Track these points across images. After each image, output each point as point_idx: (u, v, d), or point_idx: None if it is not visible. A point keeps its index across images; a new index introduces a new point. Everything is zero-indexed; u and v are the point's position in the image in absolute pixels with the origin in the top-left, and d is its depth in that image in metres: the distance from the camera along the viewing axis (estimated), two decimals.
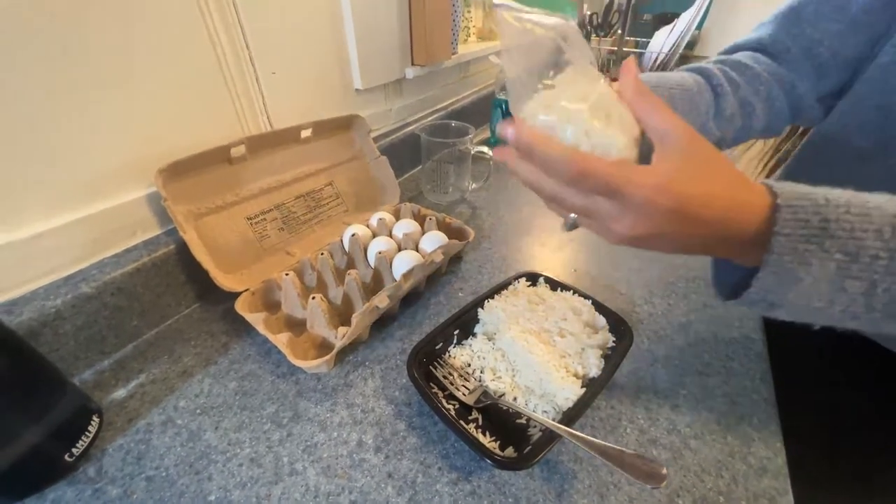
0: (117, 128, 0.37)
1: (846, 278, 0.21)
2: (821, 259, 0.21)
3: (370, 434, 0.33)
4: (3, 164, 0.31)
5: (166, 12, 0.37)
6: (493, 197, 0.69)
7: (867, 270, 0.20)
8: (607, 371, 0.34)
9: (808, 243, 0.21)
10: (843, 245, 0.20)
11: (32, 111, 0.31)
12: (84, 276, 0.36)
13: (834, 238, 0.20)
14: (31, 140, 0.32)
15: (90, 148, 0.35)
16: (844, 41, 0.38)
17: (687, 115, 0.34)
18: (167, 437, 0.32)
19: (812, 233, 0.21)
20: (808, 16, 0.40)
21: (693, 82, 0.38)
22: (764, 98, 0.40)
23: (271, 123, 0.50)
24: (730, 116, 0.39)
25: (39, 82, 0.31)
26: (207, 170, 0.43)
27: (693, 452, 0.32)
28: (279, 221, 0.50)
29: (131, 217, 0.40)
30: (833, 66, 0.39)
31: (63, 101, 0.33)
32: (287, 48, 0.49)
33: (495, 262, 0.53)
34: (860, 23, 0.37)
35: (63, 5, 0.31)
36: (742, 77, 0.40)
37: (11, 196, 0.32)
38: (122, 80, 0.36)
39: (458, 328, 0.40)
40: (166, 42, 0.37)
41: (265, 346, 0.40)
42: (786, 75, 0.41)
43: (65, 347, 0.35)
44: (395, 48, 0.64)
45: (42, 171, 0.33)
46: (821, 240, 0.20)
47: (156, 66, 0.37)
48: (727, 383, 0.37)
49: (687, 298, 0.47)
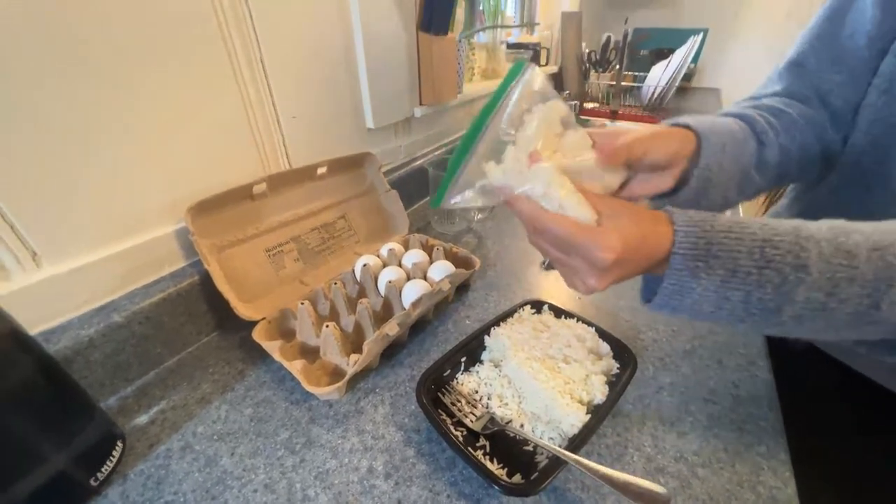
0: (154, 171, 0.40)
1: (728, 289, 0.25)
2: (707, 274, 0.25)
3: (380, 461, 0.34)
4: (53, 206, 0.34)
5: (202, 69, 0.41)
6: (499, 226, 0.71)
7: (742, 283, 0.25)
8: (612, 397, 0.35)
9: (698, 261, 0.25)
10: (724, 263, 0.25)
11: (80, 160, 0.35)
12: (115, 307, 0.39)
13: (716, 258, 0.25)
14: (79, 185, 0.36)
15: (130, 190, 0.39)
16: (851, 89, 0.39)
17: (732, 166, 0.35)
18: (185, 462, 0.34)
19: (700, 253, 0.25)
20: (812, 67, 0.41)
21: (739, 129, 0.37)
22: (799, 144, 0.40)
23: (290, 162, 0.54)
24: (773, 164, 0.38)
25: (86, 135, 0.35)
26: (231, 206, 0.46)
27: (701, 481, 0.32)
28: (295, 253, 0.52)
29: (160, 251, 0.43)
30: (849, 113, 0.39)
31: (107, 149, 0.37)
32: (306, 95, 0.53)
33: (501, 290, 0.54)
34: (859, 72, 0.38)
35: (111, 66, 0.35)
36: (781, 123, 0.39)
37: (58, 234, 0.35)
38: (161, 130, 0.40)
39: (465, 355, 0.41)
40: (202, 96, 0.42)
41: (280, 373, 0.42)
42: (817, 117, 0.40)
43: (94, 374, 0.37)
44: (405, 90, 0.69)
45: (85, 212, 0.37)
46: (707, 259, 0.25)
47: (191, 116, 0.42)
48: (734, 410, 0.38)
49: (691, 324, 0.48)
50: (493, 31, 1.06)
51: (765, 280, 0.25)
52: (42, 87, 0.32)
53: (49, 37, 0.31)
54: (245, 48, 0.44)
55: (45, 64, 0.31)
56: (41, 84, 0.32)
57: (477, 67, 1.08)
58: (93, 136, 0.35)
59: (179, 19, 0.38)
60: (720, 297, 0.26)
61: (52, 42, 0.31)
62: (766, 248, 0.25)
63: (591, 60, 1.48)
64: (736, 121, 0.39)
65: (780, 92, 0.43)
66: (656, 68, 1.41)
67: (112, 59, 0.35)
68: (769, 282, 0.25)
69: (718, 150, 0.36)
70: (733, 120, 0.39)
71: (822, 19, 0.40)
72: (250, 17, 0.43)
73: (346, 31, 0.56)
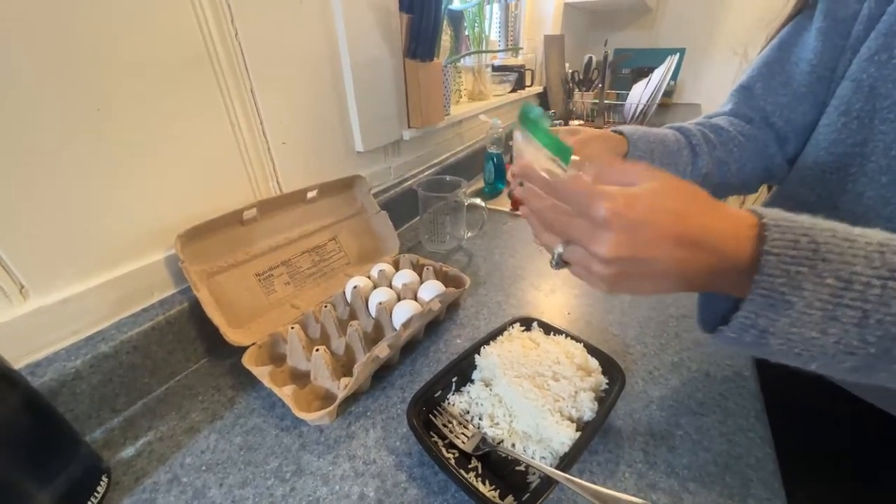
0: (144, 200, 0.41)
1: (838, 306, 0.19)
2: (814, 284, 0.19)
3: (371, 486, 0.33)
4: (41, 237, 0.35)
5: (193, 99, 0.42)
6: (488, 244, 0.72)
7: (860, 299, 0.19)
8: (601, 414, 0.35)
9: (800, 265, 0.19)
10: (836, 270, 0.19)
11: (68, 190, 0.36)
12: (104, 336, 0.38)
13: (826, 262, 0.19)
14: (67, 215, 0.36)
15: (119, 219, 0.39)
16: (793, 110, 0.43)
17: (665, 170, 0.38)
18: (172, 495, 0.33)
19: (803, 254, 0.20)
20: (759, 91, 0.46)
21: (674, 139, 0.43)
22: (737, 158, 0.45)
23: (281, 187, 0.55)
24: (706, 174, 0.44)
25: (77, 165, 0.36)
26: (221, 232, 0.47)
27: (692, 496, 0.32)
28: (286, 276, 0.53)
29: (150, 278, 0.43)
30: (790, 132, 0.44)
31: (95, 178, 0.37)
32: (296, 121, 0.55)
33: (491, 308, 0.55)
34: (802, 94, 0.42)
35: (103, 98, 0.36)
36: (718, 138, 0.45)
37: (45, 265, 0.35)
38: (151, 159, 0.40)
39: (456, 375, 0.41)
40: (192, 125, 0.43)
41: (270, 399, 0.41)
42: (759, 136, 0.46)
43: (80, 406, 0.36)
44: (393, 114, 0.71)
45: (74, 242, 0.37)
46: (813, 262, 0.19)
47: (182, 145, 0.42)
48: (723, 423, 0.38)
49: (679, 337, 0.48)
50: (479, 56, 1.09)
51: (889, 296, 0.19)
52: (30, 120, 0.32)
53: (40, 70, 0.32)
54: (235, 78, 0.45)
55: (34, 96, 0.32)
56: (29, 117, 0.32)
57: (464, 90, 1.12)
58: (81, 167, 0.36)
59: (171, 54, 0.39)
60: (827, 316, 0.19)
61: (42, 74, 0.32)
62: (886, 254, 0.19)
63: (574, 80, 1.54)
64: (674, 132, 0.45)
65: (728, 112, 0.48)
66: (637, 86, 1.46)
67: (103, 91, 0.36)
68: (895, 297, 0.19)
69: (646, 154, 0.43)
70: (672, 132, 0.45)
71: (772, 48, 0.45)
72: (240, 49, 0.45)
73: (335, 59, 0.58)
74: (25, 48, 0.31)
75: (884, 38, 0.34)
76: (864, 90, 0.36)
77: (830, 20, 0.39)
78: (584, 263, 0.24)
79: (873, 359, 0.20)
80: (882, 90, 0.35)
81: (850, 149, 0.38)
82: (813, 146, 0.41)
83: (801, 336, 0.20)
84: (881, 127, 0.35)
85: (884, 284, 0.19)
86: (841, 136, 0.39)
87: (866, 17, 0.36)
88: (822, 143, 0.40)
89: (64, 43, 0.33)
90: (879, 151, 0.36)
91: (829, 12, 0.39)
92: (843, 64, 0.38)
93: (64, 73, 0.33)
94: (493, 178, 0.93)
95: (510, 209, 0.85)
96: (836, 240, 0.20)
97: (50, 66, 0.32)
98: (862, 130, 0.37)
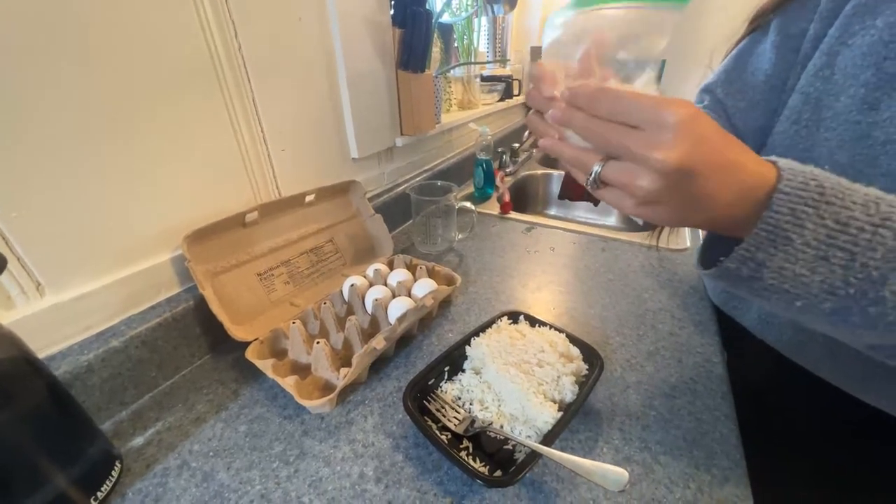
0: (153, 203, 0.43)
1: (831, 247, 0.21)
2: (814, 224, 0.21)
3: (370, 466, 0.36)
4: (58, 237, 0.37)
5: (199, 108, 0.45)
6: (478, 245, 0.76)
7: (851, 242, 0.21)
8: (581, 395, 0.38)
9: (807, 206, 0.21)
10: (836, 213, 0.21)
11: (85, 194, 0.38)
12: (114, 332, 0.40)
13: (829, 204, 0.21)
14: (84, 217, 0.38)
15: (131, 220, 0.42)
16: (749, 115, 0.48)
17: None
18: (182, 479, 0.35)
19: (810, 195, 0.21)
20: (720, 95, 0.50)
21: None
22: None
23: (280, 191, 0.57)
24: None
25: (93, 170, 0.38)
26: (225, 233, 0.49)
27: (663, 467, 0.35)
28: (285, 276, 0.55)
29: (158, 277, 0.45)
30: (748, 134, 0.48)
31: (110, 184, 0.40)
32: (295, 129, 0.58)
33: (481, 304, 0.58)
34: (756, 101, 0.47)
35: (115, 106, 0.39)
36: None
37: (61, 264, 0.38)
38: (161, 166, 0.43)
39: (448, 365, 0.44)
40: (198, 133, 0.46)
41: (273, 391, 0.44)
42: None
43: (91, 399, 0.38)
44: (386, 123, 0.74)
45: (89, 242, 0.39)
46: (817, 204, 0.21)
47: (188, 152, 0.45)
48: (692, 403, 0.41)
49: (655, 329, 0.52)
50: (468, 67, 1.14)
51: (877, 242, 0.21)
52: (52, 127, 0.35)
53: (55, 74, 0.35)
54: (238, 89, 0.48)
55: (56, 104, 0.35)
56: (51, 124, 0.35)
57: (454, 99, 1.16)
58: (97, 171, 0.38)
59: (178, 64, 0.42)
60: (819, 255, 0.22)
61: (58, 79, 0.35)
62: (881, 204, 0.21)
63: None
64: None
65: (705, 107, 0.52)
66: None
67: (115, 99, 0.38)
68: (882, 244, 0.21)
69: None
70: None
71: (731, 58, 0.50)
72: (243, 62, 0.48)
73: (331, 71, 0.61)
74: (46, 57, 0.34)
75: (826, 57, 0.39)
76: (812, 102, 0.41)
77: (783, 35, 0.44)
78: (627, 178, 0.24)
79: (851, 300, 0.22)
80: (826, 102, 0.39)
81: (801, 153, 0.42)
82: (770, 150, 0.46)
83: (792, 272, 0.22)
84: (825, 134, 0.40)
85: (874, 231, 0.21)
86: (793, 142, 0.43)
87: (812, 35, 0.41)
88: (778, 148, 0.45)
89: (84, 53, 0.35)
90: (824, 157, 0.40)
91: (782, 28, 0.44)
92: (794, 76, 0.43)
93: (83, 82, 0.36)
94: (482, 182, 0.97)
95: (499, 213, 0.89)
96: (840, 186, 0.22)
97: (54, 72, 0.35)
98: (810, 137, 0.41)
